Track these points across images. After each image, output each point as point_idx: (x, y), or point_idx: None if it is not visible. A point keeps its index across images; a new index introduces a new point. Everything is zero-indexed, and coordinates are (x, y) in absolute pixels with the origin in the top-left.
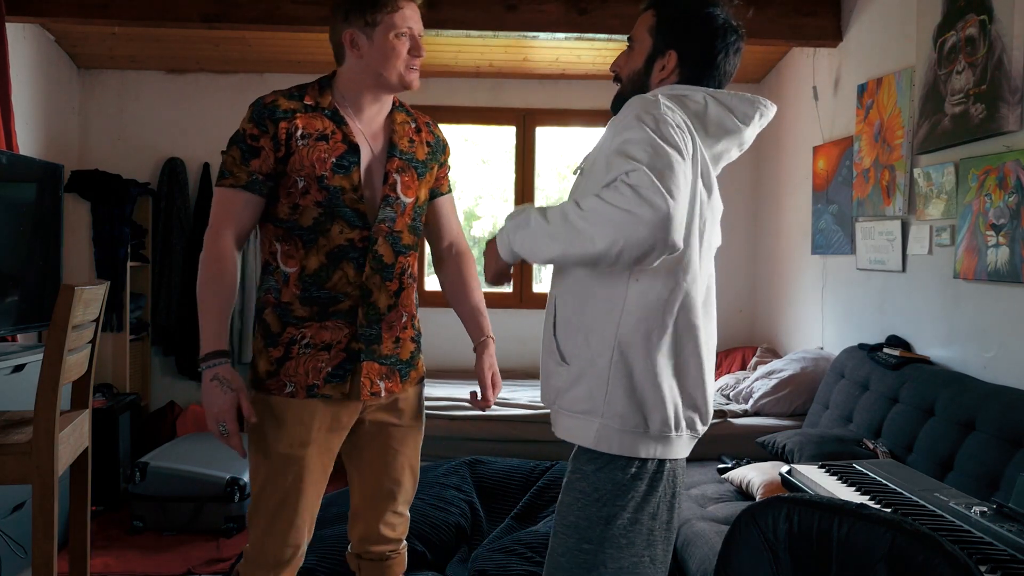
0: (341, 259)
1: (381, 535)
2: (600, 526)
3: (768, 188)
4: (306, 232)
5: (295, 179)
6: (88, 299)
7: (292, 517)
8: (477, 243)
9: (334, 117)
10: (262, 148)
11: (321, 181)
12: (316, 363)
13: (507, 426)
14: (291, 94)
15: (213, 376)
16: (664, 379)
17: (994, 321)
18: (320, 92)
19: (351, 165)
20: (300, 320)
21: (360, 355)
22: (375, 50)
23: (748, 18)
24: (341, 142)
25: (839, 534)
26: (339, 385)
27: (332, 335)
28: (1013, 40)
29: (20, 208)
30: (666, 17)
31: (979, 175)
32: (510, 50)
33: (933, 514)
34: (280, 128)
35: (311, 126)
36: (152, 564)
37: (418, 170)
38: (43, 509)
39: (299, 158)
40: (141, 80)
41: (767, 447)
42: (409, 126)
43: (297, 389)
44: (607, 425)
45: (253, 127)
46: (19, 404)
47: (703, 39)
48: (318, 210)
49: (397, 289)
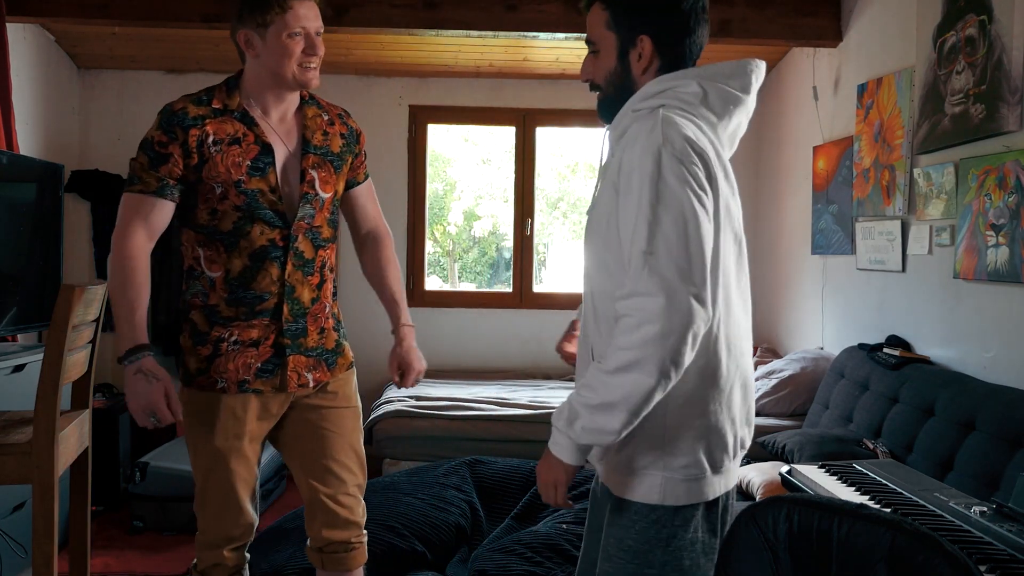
0: (264, 259)
1: (341, 518)
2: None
3: (768, 188)
4: (227, 236)
5: (212, 185)
6: (88, 299)
7: (238, 502)
8: (477, 242)
9: (244, 119)
10: (171, 155)
11: (239, 186)
12: (245, 359)
13: (507, 426)
14: (199, 99)
15: (137, 370)
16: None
17: (994, 321)
18: (228, 94)
19: (266, 166)
20: (227, 320)
21: (286, 349)
22: (268, 50)
23: (748, 18)
24: (254, 143)
25: (839, 534)
26: (269, 380)
27: (259, 332)
28: (1013, 40)
29: (20, 208)
30: (620, 5)
31: (979, 175)
32: (510, 50)
33: (933, 514)
34: (191, 135)
35: (222, 131)
36: (152, 564)
37: (334, 164)
38: (43, 509)
39: (213, 165)
40: (141, 80)
41: (767, 447)
42: (321, 119)
43: (228, 384)
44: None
45: (161, 134)
46: (19, 404)
47: (670, 10)
48: (237, 214)
49: (319, 282)
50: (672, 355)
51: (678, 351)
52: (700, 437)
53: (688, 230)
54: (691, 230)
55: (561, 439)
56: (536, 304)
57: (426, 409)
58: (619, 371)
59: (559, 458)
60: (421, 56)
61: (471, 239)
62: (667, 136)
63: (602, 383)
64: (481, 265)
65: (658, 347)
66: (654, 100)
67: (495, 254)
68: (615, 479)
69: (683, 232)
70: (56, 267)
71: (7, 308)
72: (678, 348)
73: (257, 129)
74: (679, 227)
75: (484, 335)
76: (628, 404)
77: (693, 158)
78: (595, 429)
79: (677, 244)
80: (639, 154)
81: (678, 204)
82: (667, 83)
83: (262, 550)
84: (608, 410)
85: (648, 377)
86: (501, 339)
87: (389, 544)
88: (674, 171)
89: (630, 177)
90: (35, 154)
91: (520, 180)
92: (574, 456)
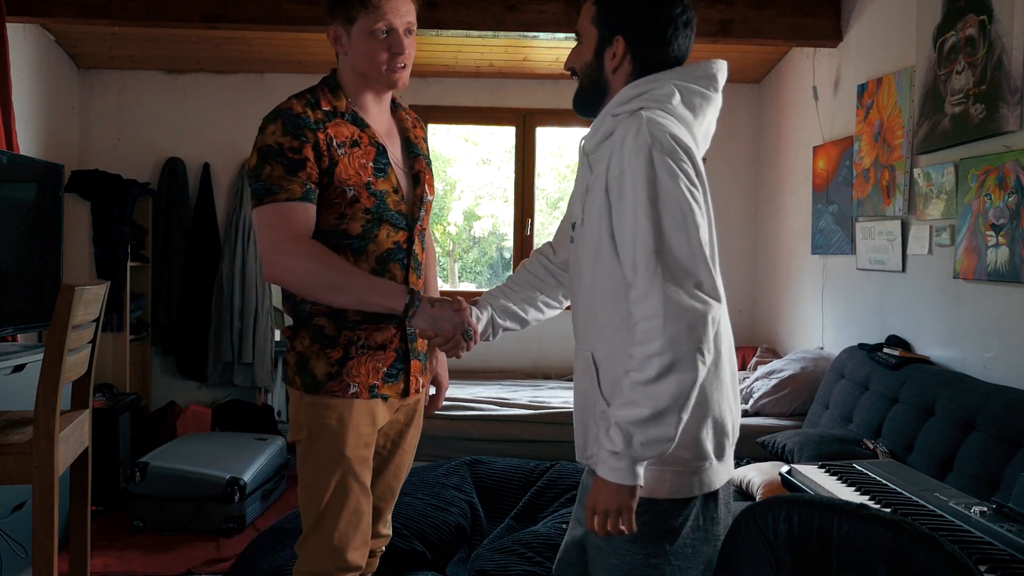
0: (389, 262)
1: (377, 532)
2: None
3: (768, 188)
4: (355, 240)
5: (343, 189)
6: (88, 299)
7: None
8: (477, 242)
9: (355, 121)
10: (307, 159)
11: (369, 188)
12: (374, 363)
13: (507, 426)
14: (309, 102)
15: (431, 303)
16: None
17: (994, 321)
18: (333, 95)
19: (385, 167)
20: (356, 323)
21: (409, 354)
22: (354, 48)
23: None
24: (369, 145)
25: (839, 534)
26: (395, 385)
27: (383, 336)
28: (1013, 40)
29: (20, 208)
30: (606, 2)
31: (979, 175)
32: (510, 50)
33: (933, 514)
34: (319, 138)
35: (340, 133)
36: (152, 564)
37: (429, 164)
38: (43, 509)
39: (343, 168)
40: (141, 80)
41: (767, 447)
42: (410, 121)
43: (360, 390)
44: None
45: (291, 140)
46: (19, 404)
47: (648, 17)
48: (366, 217)
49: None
50: (702, 343)
51: (705, 338)
52: (705, 427)
53: (688, 225)
54: (691, 224)
55: (618, 463)
56: None
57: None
58: (660, 377)
59: (619, 483)
60: (421, 56)
61: (471, 239)
62: (655, 136)
63: (646, 395)
64: (481, 265)
65: (689, 341)
66: (633, 103)
67: (495, 254)
68: None
69: (684, 227)
70: (56, 267)
71: (7, 308)
72: (705, 335)
73: (369, 131)
74: (680, 223)
75: None
76: (679, 405)
77: (682, 155)
78: (654, 441)
79: (681, 239)
80: (629, 157)
81: (676, 201)
82: (643, 87)
83: (262, 550)
84: (662, 418)
85: (689, 372)
86: (501, 339)
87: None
88: (667, 169)
89: (622, 181)
90: (35, 154)
91: (520, 180)
92: (635, 477)
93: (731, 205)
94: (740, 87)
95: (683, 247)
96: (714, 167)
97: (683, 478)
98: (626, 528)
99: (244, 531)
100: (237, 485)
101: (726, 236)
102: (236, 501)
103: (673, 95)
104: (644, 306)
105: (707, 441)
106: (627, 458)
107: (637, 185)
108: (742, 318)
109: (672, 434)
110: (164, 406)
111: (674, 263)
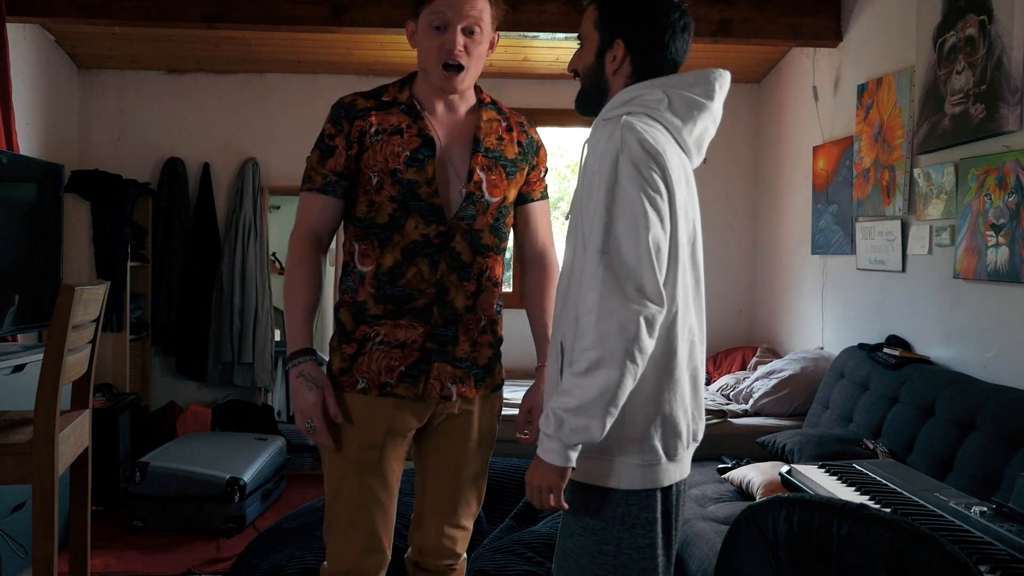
0: (416, 255)
1: (441, 547)
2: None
3: (768, 188)
4: (382, 229)
5: (369, 175)
6: (88, 299)
7: (369, 525)
8: None
9: (410, 111)
10: (336, 147)
11: (395, 175)
12: (389, 361)
13: (507, 426)
14: (371, 93)
15: (299, 373)
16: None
17: (994, 321)
18: (400, 88)
19: (425, 159)
20: (374, 318)
21: (433, 356)
22: (418, 43)
23: (748, 18)
24: (416, 136)
25: (839, 534)
26: (412, 386)
27: (407, 334)
28: (1013, 40)
29: (20, 208)
30: (607, 7)
31: (979, 175)
32: (510, 50)
33: (933, 514)
34: (355, 126)
35: (386, 122)
36: (152, 564)
37: (507, 169)
38: (43, 509)
39: (372, 154)
40: (141, 80)
41: (767, 447)
42: (498, 124)
43: (370, 386)
44: (628, 463)
45: (331, 127)
46: (19, 404)
47: (647, 22)
48: (392, 205)
49: (475, 291)
50: (632, 343)
51: (637, 338)
52: (656, 426)
53: (639, 229)
54: (642, 229)
55: (550, 444)
56: None
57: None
58: (588, 371)
59: (551, 463)
60: None
61: None
62: (625, 141)
63: (576, 386)
64: None
65: (618, 340)
66: (621, 108)
67: None
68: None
69: (635, 231)
70: (56, 267)
71: (7, 308)
72: (636, 335)
73: (421, 123)
74: (632, 227)
75: None
76: (604, 400)
77: (649, 162)
78: (580, 429)
79: (630, 242)
80: (598, 159)
81: (631, 206)
82: (634, 92)
83: (262, 550)
84: (586, 410)
85: (615, 371)
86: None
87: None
88: (629, 175)
89: (591, 181)
90: (35, 154)
91: None
92: (565, 459)
93: (731, 205)
94: (740, 87)
95: (631, 250)
96: (714, 167)
97: (631, 470)
98: (555, 504)
99: (244, 531)
100: (237, 485)
101: (726, 236)
102: (236, 501)
103: (662, 101)
104: (583, 302)
105: (656, 439)
106: (557, 441)
107: (600, 187)
108: (742, 318)
109: (597, 426)
110: (164, 406)
111: (620, 264)
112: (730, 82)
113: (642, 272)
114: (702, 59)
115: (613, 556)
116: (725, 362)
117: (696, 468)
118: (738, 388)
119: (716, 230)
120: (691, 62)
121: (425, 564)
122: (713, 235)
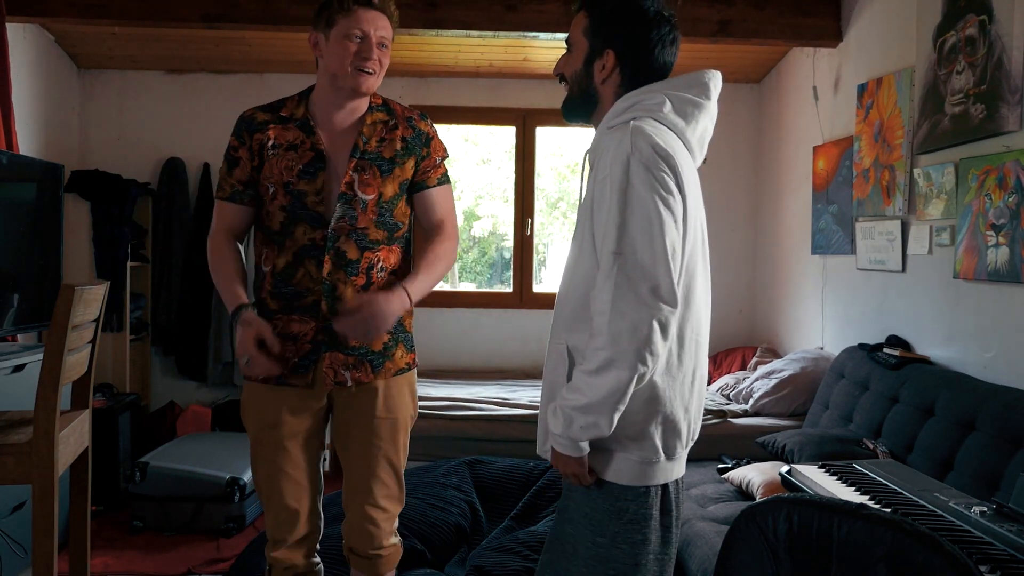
0: (304, 257)
1: (364, 530)
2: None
3: (768, 188)
4: (276, 235)
5: (267, 186)
6: (88, 299)
7: (280, 498)
8: (477, 242)
9: (304, 127)
10: (240, 158)
11: (287, 187)
12: (284, 352)
13: (507, 426)
14: (270, 107)
15: (239, 323)
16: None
17: (994, 321)
18: (297, 104)
19: (316, 171)
20: (272, 313)
21: (323, 346)
22: (329, 51)
23: (748, 18)
24: (309, 150)
25: (839, 534)
26: (302, 376)
27: (299, 327)
28: (1013, 40)
29: (20, 208)
30: (598, 17)
31: (979, 175)
32: (510, 50)
33: (933, 514)
34: (255, 139)
35: (283, 137)
36: (152, 564)
37: (382, 168)
38: (43, 509)
39: (269, 166)
40: (141, 80)
41: (767, 447)
42: (382, 126)
43: (267, 377)
44: (628, 458)
45: (235, 139)
46: (19, 404)
47: (637, 34)
48: (283, 214)
49: (364, 283)
50: (644, 345)
51: (649, 340)
52: (657, 424)
53: (654, 230)
54: (656, 230)
55: (561, 440)
56: (536, 304)
57: (426, 409)
58: (600, 371)
59: (567, 455)
60: (421, 56)
61: (471, 239)
62: (636, 145)
63: (587, 384)
64: (481, 265)
65: (631, 341)
66: (626, 115)
67: (495, 254)
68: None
69: (649, 232)
70: (56, 267)
71: (7, 308)
72: (649, 337)
73: (314, 137)
74: (646, 227)
75: (484, 335)
76: (613, 400)
77: (660, 164)
78: (589, 427)
79: (644, 242)
80: (610, 163)
81: (644, 208)
82: (634, 98)
83: (262, 550)
84: (595, 409)
85: (626, 371)
86: (501, 339)
87: None
88: (641, 177)
89: (603, 185)
90: (35, 154)
91: (520, 180)
92: (578, 449)
93: (731, 205)
94: (740, 87)
95: (646, 251)
96: (714, 167)
97: (631, 465)
98: (586, 481)
99: (244, 531)
100: (237, 485)
101: (726, 236)
102: (236, 501)
103: (664, 104)
104: (597, 301)
105: (656, 437)
106: (566, 438)
107: (613, 191)
108: (742, 318)
109: (605, 423)
110: (164, 406)
111: (634, 265)
112: (730, 82)
113: (657, 273)
114: (702, 59)
115: (606, 548)
116: (725, 362)
117: (696, 468)
118: (738, 388)
119: (716, 230)
120: (692, 62)
121: (355, 550)
122: (713, 235)
